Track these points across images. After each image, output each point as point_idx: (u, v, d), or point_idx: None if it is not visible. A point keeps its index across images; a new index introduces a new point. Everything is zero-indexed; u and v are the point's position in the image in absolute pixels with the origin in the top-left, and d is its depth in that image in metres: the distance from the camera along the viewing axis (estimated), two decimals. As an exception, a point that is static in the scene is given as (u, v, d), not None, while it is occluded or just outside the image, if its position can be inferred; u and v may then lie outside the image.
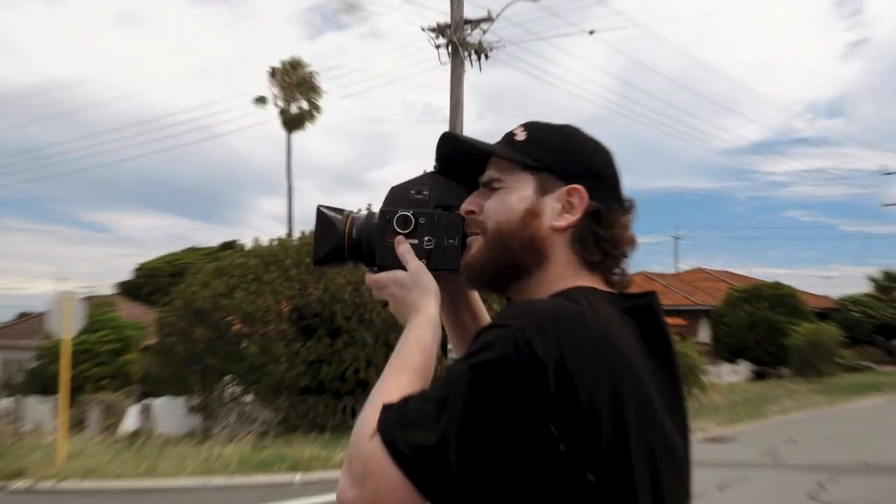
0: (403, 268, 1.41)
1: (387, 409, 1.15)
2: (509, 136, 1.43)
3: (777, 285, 36.69)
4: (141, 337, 27.02)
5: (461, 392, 1.11)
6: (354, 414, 19.00)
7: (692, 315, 39.00)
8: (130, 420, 21.12)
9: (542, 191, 1.37)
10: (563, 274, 1.36)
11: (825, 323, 33.88)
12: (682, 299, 39.67)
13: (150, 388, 25.23)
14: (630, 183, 1.44)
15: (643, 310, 1.32)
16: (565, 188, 1.36)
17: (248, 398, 19.53)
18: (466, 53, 17.78)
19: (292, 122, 41.60)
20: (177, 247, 70.47)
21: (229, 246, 41.09)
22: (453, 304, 1.60)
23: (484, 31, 17.96)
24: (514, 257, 1.36)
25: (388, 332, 17.61)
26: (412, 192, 1.45)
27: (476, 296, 1.63)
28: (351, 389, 18.41)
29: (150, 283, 43.88)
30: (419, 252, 1.42)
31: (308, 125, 42.21)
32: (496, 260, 1.37)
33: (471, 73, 17.94)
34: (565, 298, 1.25)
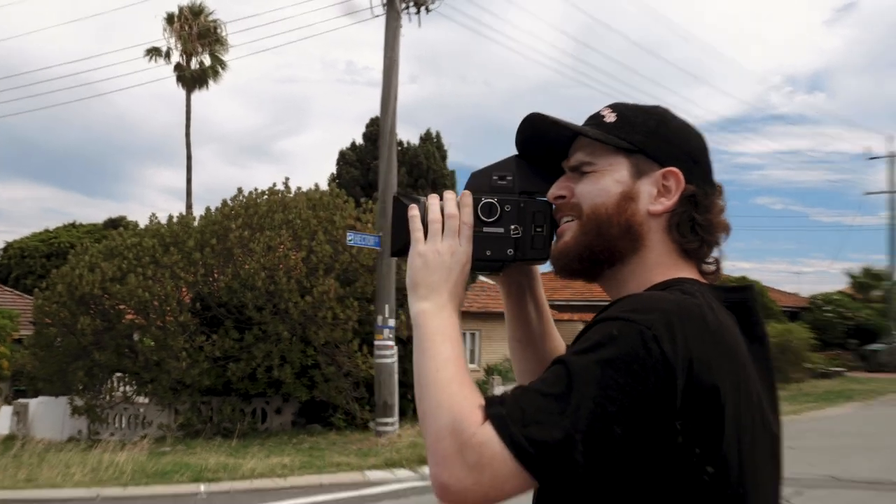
0: (484, 260, 1.54)
1: (497, 403, 1.27)
2: (598, 118, 1.54)
3: (743, 281, 37.61)
4: (12, 327, 26.63)
5: (588, 389, 1.21)
6: (265, 417, 19.07)
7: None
8: (1, 422, 20.91)
9: (638, 174, 1.48)
10: (661, 261, 1.48)
11: (795, 324, 34.85)
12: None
13: (25, 386, 24.93)
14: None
15: (742, 304, 1.45)
16: (661, 171, 1.48)
17: (143, 399, 19.46)
18: (404, 6, 17.75)
19: (192, 80, 41.15)
20: (52, 223, 69.23)
21: (116, 223, 40.58)
22: (520, 296, 1.74)
23: (425, -21, 17.95)
24: (612, 242, 1.47)
25: (306, 326, 17.70)
26: (495, 177, 1.55)
27: (541, 288, 1.75)
28: (262, 390, 18.42)
29: (20, 265, 43.08)
30: (506, 241, 1.51)
31: (211, 83, 41.82)
32: (593, 245, 1.47)
33: (408, 28, 17.95)
34: (680, 292, 1.36)
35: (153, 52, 40.53)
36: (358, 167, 24.78)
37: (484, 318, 33.44)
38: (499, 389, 24.32)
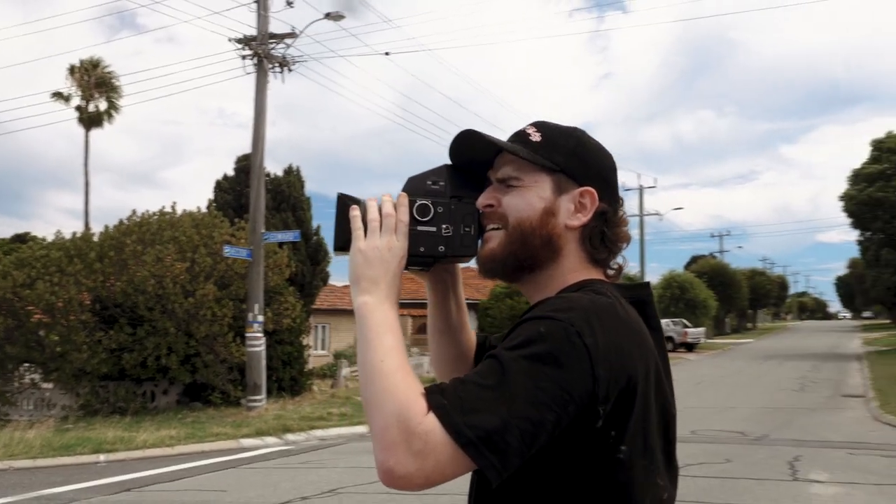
0: (418, 255, 1.37)
1: (437, 393, 1.14)
2: (524, 136, 1.40)
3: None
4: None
5: (521, 380, 1.11)
6: (154, 398, 18.46)
7: (460, 308, 40.50)
8: (-79, 408, 19.45)
9: (559, 191, 1.36)
10: (574, 268, 1.37)
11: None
12: (452, 294, 41.06)
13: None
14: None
15: (641, 300, 1.36)
16: (578, 190, 1.36)
17: (48, 385, 18.47)
18: (271, 66, 17.58)
19: (90, 121, 39.34)
20: (-35, 238, 64.89)
21: (23, 239, 38.37)
22: (444, 291, 1.58)
23: (288, 46, 17.84)
24: (534, 252, 1.35)
25: (189, 322, 17.21)
26: (429, 182, 1.40)
27: (461, 286, 1.60)
28: (152, 375, 17.84)
29: (-62, 273, 40.12)
30: (438, 239, 1.37)
31: (106, 124, 40.10)
32: (517, 253, 1.35)
33: (272, 82, 17.84)
34: (594, 292, 1.27)
35: (57, 95, 38.59)
36: (231, 194, 24.26)
37: (332, 314, 33.33)
38: (345, 371, 24.11)
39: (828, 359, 34.64)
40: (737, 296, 65.55)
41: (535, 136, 1.38)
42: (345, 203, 1.36)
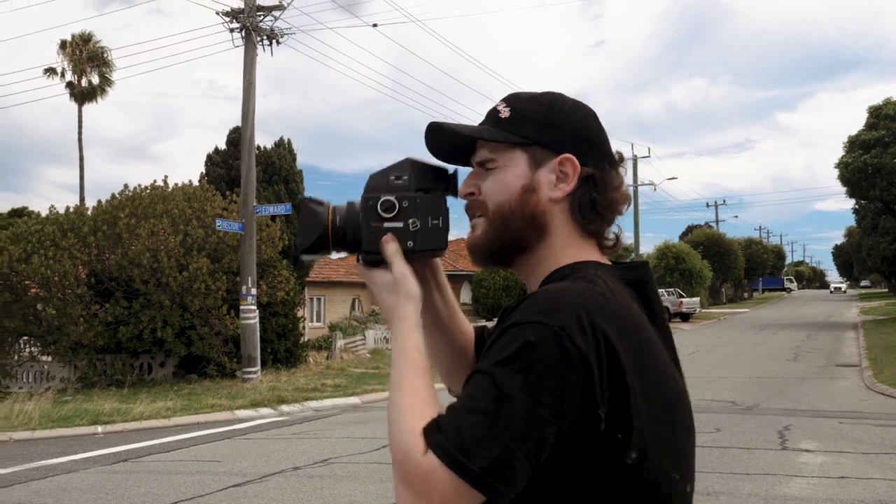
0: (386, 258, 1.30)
1: (435, 431, 1.07)
2: (494, 114, 1.33)
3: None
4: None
5: (517, 398, 1.05)
6: (151, 370, 18.67)
7: (456, 279, 40.77)
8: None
9: (536, 165, 1.28)
10: (566, 243, 1.29)
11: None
12: (447, 266, 41.21)
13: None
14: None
15: (639, 281, 1.28)
16: (557, 159, 1.27)
17: (46, 358, 18.69)
18: (259, 38, 17.62)
19: (83, 95, 39.19)
20: (-40, 213, 64.86)
21: (20, 213, 38.47)
22: (426, 285, 1.44)
23: (276, 18, 17.89)
24: (519, 234, 1.29)
25: (184, 295, 17.41)
26: (392, 177, 1.34)
27: (444, 276, 1.51)
28: (148, 348, 18.09)
29: (-67, 249, 40.16)
30: (405, 234, 1.31)
31: (99, 98, 39.97)
32: (502, 239, 1.30)
33: (261, 55, 17.88)
34: (582, 280, 1.19)
35: (50, 71, 38.42)
36: (222, 167, 24.35)
37: (327, 286, 33.54)
38: (340, 343, 24.31)
39: (824, 328, 34.75)
40: (732, 265, 65.64)
41: (505, 113, 1.32)
42: (309, 208, 1.35)
